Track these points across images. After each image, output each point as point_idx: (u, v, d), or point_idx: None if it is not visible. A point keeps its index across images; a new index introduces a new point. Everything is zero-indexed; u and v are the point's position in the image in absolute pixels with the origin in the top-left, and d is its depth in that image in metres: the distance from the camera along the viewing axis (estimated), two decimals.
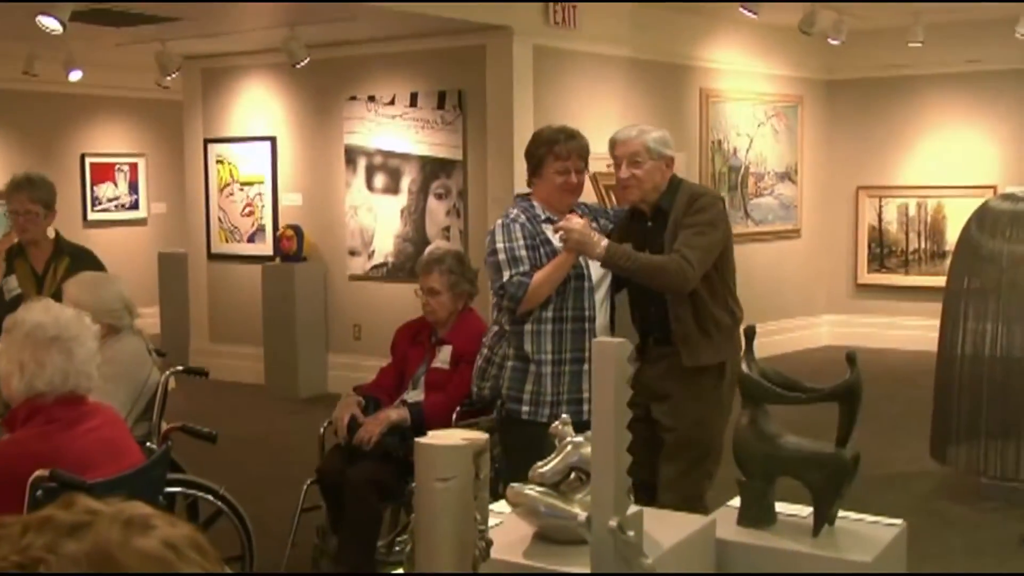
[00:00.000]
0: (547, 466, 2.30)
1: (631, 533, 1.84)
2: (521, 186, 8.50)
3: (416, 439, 2.01)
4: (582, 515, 2.00)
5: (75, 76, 10.29)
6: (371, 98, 9.20)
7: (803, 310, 11.32)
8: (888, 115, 11.26)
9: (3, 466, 3.09)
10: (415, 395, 4.81)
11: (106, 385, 4.00)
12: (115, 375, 4.18)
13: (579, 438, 2.31)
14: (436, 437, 2.02)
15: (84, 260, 5.21)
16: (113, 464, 3.22)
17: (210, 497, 4.30)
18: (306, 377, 9.50)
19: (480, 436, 2.02)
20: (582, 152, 4.27)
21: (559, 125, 4.46)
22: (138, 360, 4.43)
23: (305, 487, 4.88)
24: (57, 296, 4.38)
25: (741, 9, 8.75)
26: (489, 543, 2.00)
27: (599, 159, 4.64)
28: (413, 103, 8.98)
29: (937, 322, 6.49)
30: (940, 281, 9.75)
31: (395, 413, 4.67)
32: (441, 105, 8.83)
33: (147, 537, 0.96)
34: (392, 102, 9.09)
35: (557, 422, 2.35)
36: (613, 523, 1.84)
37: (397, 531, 5.00)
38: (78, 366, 3.16)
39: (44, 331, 3.13)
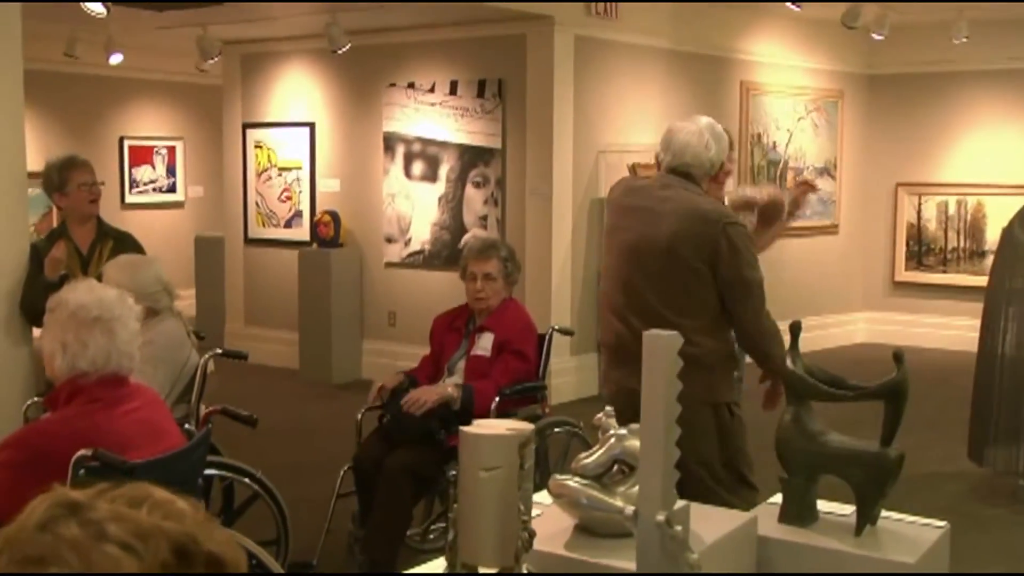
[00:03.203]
0: (590, 458, 2.29)
1: (678, 528, 1.83)
2: (561, 174, 8.55)
3: (461, 428, 2.00)
4: (628, 509, 1.99)
5: (115, 59, 10.33)
6: (411, 85, 9.20)
7: (839, 307, 11.24)
8: (929, 111, 11.15)
9: (45, 444, 3.11)
10: (453, 381, 4.81)
11: (145, 367, 4.02)
12: (154, 357, 4.20)
13: (623, 430, 2.30)
14: (481, 426, 2.01)
15: (127, 243, 5.31)
16: (153, 445, 3.23)
17: (247, 480, 4.31)
18: (340, 363, 9.52)
19: (526, 426, 2.01)
20: None
21: None
22: (177, 342, 4.45)
23: (342, 473, 4.90)
24: (100, 278, 4.40)
25: (788, 4, 8.71)
26: (532, 534, 1.99)
27: (638, 150, 4.61)
28: (453, 91, 8.97)
29: (974, 322, 6.43)
30: (979, 280, 9.69)
31: (452, 387, 4.68)
32: (481, 94, 8.81)
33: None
34: (432, 90, 9.08)
35: (601, 414, 2.34)
36: (661, 517, 1.83)
37: (432, 519, 5.01)
38: (120, 346, 3.17)
39: (87, 311, 3.14)
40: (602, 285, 4.05)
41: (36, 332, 4.61)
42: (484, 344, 4.83)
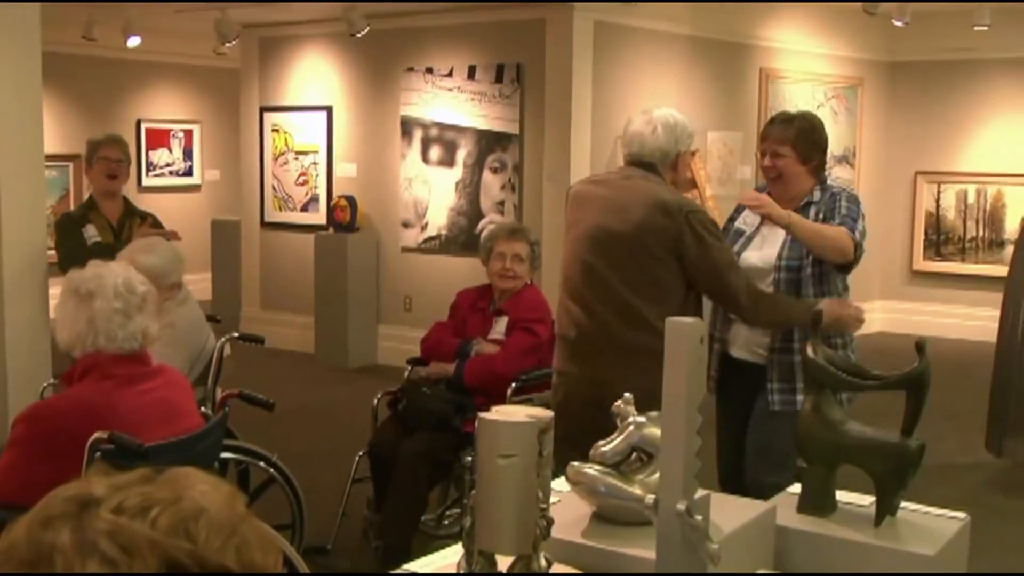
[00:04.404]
0: (608, 445, 2.28)
1: (699, 518, 1.81)
2: (578, 160, 8.52)
3: (480, 414, 1.99)
4: (649, 498, 1.98)
5: (133, 42, 10.34)
6: (429, 70, 9.17)
7: (857, 295, 11.02)
8: (950, 99, 11.07)
9: (56, 420, 3.11)
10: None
11: (165, 349, 4.05)
12: (175, 339, 4.21)
13: (641, 418, 2.28)
14: (500, 413, 2.00)
15: (151, 222, 5.59)
16: (167, 427, 3.23)
17: (262, 464, 4.31)
18: (356, 347, 9.52)
19: (545, 413, 2.00)
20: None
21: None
22: (198, 325, 4.47)
23: (357, 458, 4.90)
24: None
25: None
26: (550, 522, 1.98)
27: None
28: (471, 76, 8.94)
29: (993, 312, 6.39)
30: (997, 270, 9.64)
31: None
32: (499, 78, 8.79)
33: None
34: (450, 74, 9.06)
35: (620, 401, 2.32)
36: (681, 507, 1.81)
37: (447, 504, 5.01)
38: (138, 326, 3.17)
39: (106, 289, 3.15)
40: (562, 277, 3.95)
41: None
42: (499, 328, 4.90)
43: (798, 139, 4.06)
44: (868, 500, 2.58)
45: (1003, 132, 10.83)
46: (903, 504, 2.57)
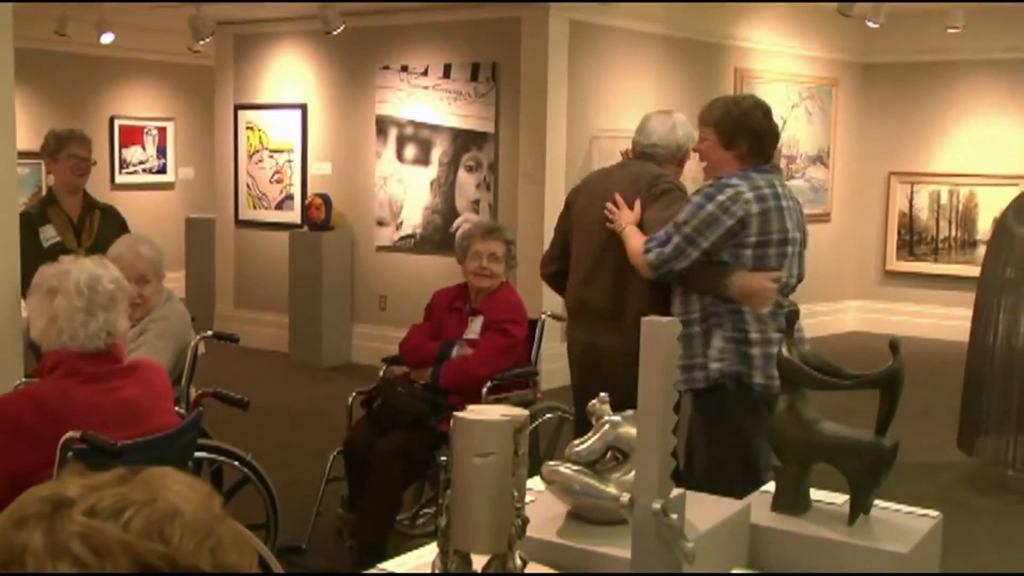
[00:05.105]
0: (583, 444, 2.28)
1: (674, 516, 1.81)
2: (554, 159, 8.53)
3: (455, 413, 1.98)
4: (624, 497, 1.97)
5: (107, 39, 10.27)
6: (404, 68, 9.16)
7: (830, 295, 11.24)
8: (924, 100, 11.14)
9: (14, 414, 3.09)
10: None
11: (157, 341, 4.05)
12: (167, 332, 4.23)
13: (616, 417, 2.28)
14: (475, 412, 1.99)
15: (112, 214, 5.68)
16: (134, 426, 3.20)
17: (236, 464, 4.29)
18: (330, 346, 9.50)
19: (520, 412, 1.99)
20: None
21: None
22: (186, 321, 4.46)
23: (332, 457, 4.88)
24: (94, 248, 4.68)
25: None
26: (525, 521, 1.98)
27: (631, 136, 4.57)
28: (447, 74, 8.93)
29: (965, 311, 6.43)
30: (969, 270, 9.70)
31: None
32: (475, 77, 8.78)
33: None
34: (425, 73, 9.04)
35: (595, 400, 2.32)
36: (657, 505, 1.81)
37: (421, 503, 5.00)
38: (102, 324, 3.14)
39: (76, 285, 3.13)
40: (573, 262, 4.38)
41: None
42: (475, 328, 4.89)
43: (720, 123, 3.93)
44: (842, 499, 2.59)
45: (976, 133, 10.90)
46: (876, 502, 2.58)
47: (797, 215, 3.98)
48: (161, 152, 13.02)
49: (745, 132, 3.92)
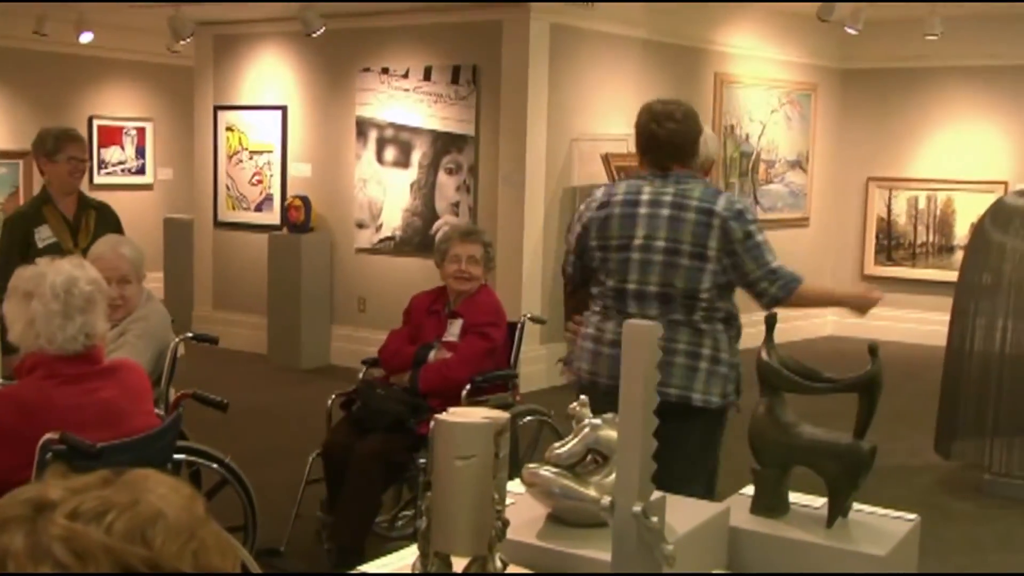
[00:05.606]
0: (564, 447, 2.28)
1: (654, 519, 1.82)
2: (534, 162, 8.54)
3: (436, 416, 1.98)
4: (605, 499, 1.98)
5: (86, 38, 10.24)
6: (385, 70, 9.15)
7: None
8: (902, 106, 11.20)
9: None
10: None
11: (138, 342, 4.03)
12: (148, 333, 4.22)
13: (597, 420, 2.29)
14: (457, 414, 1.99)
15: (107, 212, 5.64)
16: (112, 428, 3.19)
17: (215, 466, 4.27)
18: (309, 348, 9.48)
19: (501, 415, 1.99)
20: None
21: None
22: (167, 322, 4.45)
23: (311, 459, 4.87)
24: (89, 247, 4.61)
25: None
26: (506, 523, 1.98)
27: (611, 140, 4.58)
28: (427, 77, 8.93)
29: (943, 316, 6.47)
30: (947, 275, 9.76)
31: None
32: (455, 80, 8.78)
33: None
34: (406, 75, 9.04)
35: (575, 403, 2.33)
36: (637, 508, 1.82)
37: (400, 506, 5.00)
38: (79, 327, 3.13)
39: (52, 288, 3.12)
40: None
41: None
42: (454, 331, 4.87)
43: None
44: (820, 501, 2.60)
45: (954, 139, 10.97)
46: (855, 505, 2.59)
47: (667, 222, 3.77)
48: (140, 153, 12.96)
49: (637, 137, 3.92)
